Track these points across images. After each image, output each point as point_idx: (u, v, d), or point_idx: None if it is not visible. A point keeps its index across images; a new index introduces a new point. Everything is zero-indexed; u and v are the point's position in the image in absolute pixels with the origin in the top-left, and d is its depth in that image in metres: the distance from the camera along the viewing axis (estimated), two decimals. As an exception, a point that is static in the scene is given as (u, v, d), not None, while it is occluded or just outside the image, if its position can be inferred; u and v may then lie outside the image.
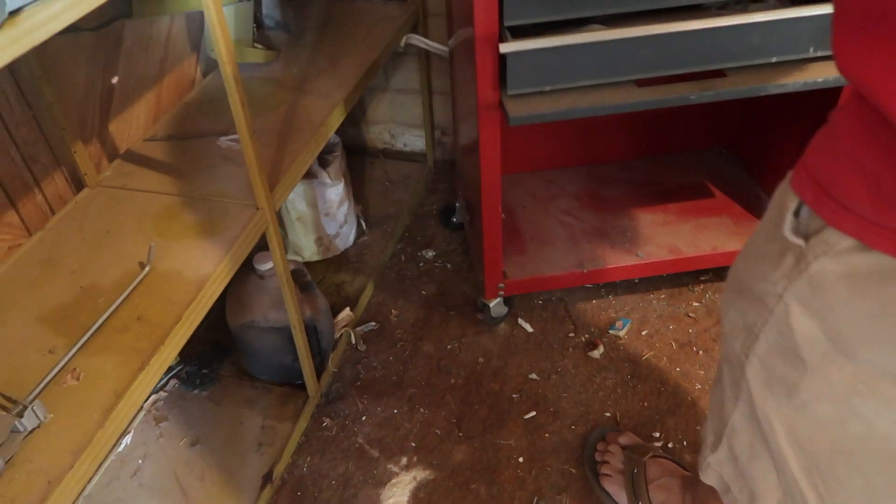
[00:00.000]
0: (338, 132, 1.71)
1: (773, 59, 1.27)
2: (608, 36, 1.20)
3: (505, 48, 1.20)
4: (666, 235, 1.75)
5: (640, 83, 1.28)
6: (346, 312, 1.77)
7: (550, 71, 1.24)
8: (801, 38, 1.25)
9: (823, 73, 1.26)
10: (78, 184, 1.34)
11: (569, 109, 1.24)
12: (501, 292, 1.67)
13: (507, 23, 1.21)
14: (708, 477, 0.93)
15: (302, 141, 1.42)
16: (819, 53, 1.27)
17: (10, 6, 0.68)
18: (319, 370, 1.61)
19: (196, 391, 1.63)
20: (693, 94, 1.25)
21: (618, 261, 1.69)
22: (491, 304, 1.70)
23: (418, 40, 1.93)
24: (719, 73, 1.28)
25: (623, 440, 1.41)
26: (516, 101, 1.27)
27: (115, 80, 1.40)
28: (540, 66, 1.23)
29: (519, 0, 1.17)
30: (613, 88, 1.27)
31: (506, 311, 1.74)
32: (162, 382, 1.64)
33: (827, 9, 1.22)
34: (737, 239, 1.70)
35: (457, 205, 1.99)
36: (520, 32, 1.22)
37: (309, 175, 1.77)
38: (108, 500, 1.42)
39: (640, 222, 1.80)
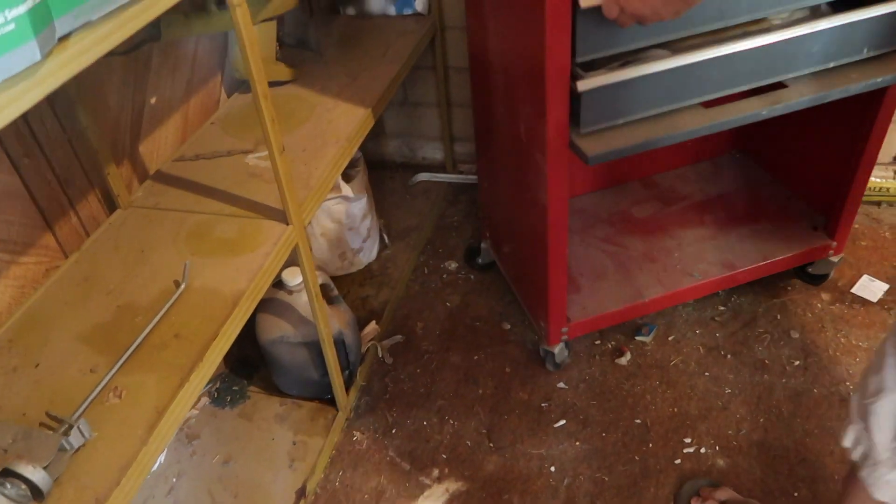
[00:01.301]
0: (359, 147, 1.73)
1: (831, 65, 1.26)
2: (682, 61, 1.16)
3: (584, 85, 1.12)
4: (714, 251, 1.70)
5: (706, 105, 1.24)
6: (372, 326, 1.78)
7: (623, 103, 1.19)
8: (856, 41, 1.24)
9: (881, 73, 1.25)
10: (111, 205, 1.36)
11: (646, 141, 1.19)
12: (565, 336, 1.59)
13: (579, 59, 1.13)
14: (884, 494, 0.91)
15: (328, 156, 1.44)
16: (872, 54, 1.26)
17: (60, 32, 0.70)
18: (348, 384, 1.62)
19: (227, 408, 1.64)
20: (764, 109, 1.22)
21: (675, 284, 1.62)
22: (555, 350, 1.60)
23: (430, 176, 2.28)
24: (780, 85, 1.26)
25: (720, 495, 1.33)
26: (590, 139, 1.19)
27: (153, 100, 1.43)
28: (613, 100, 1.17)
29: (592, 35, 1.10)
30: (681, 113, 1.23)
31: (568, 354, 1.65)
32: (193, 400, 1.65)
33: (882, 9, 1.21)
34: (784, 245, 1.66)
35: (482, 245, 1.89)
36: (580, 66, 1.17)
37: (333, 190, 1.79)
38: (144, 518, 1.44)
39: (683, 240, 1.74)
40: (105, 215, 1.35)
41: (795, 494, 1.36)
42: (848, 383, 1.54)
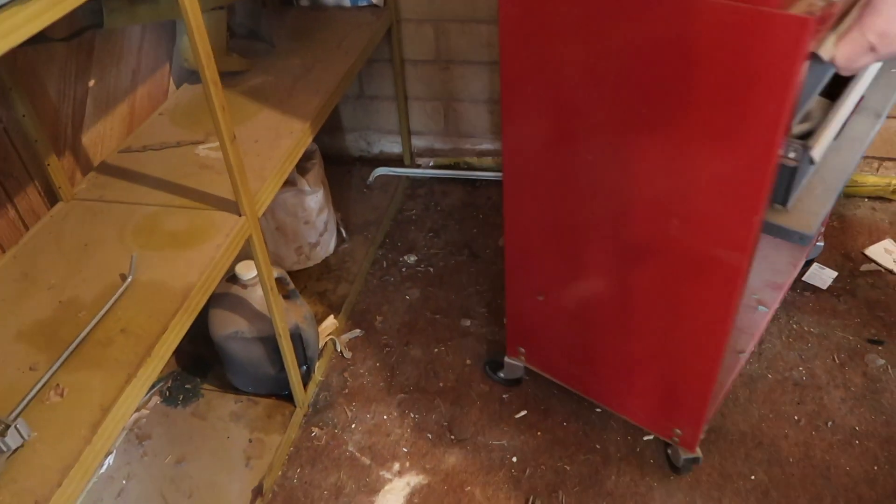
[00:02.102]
0: (314, 140, 1.69)
1: None
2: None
3: (818, 151, 0.95)
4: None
5: None
6: (331, 320, 1.75)
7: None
8: None
9: None
10: (52, 198, 1.31)
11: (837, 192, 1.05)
12: (703, 435, 1.38)
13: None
14: None
15: (282, 147, 1.40)
16: None
17: (-14, 7, 0.66)
18: (306, 380, 1.59)
19: (179, 407, 1.59)
20: None
21: None
22: (698, 454, 1.37)
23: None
24: None
25: None
26: (793, 214, 1.02)
27: (92, 82, 1.37)
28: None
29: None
30: None
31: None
32: (144, 399, 1.60)
33: None
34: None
35: (507, 360, 1.55)
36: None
37: (287, 184, 1.75)
38: (92, 523, 1.38)
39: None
40: (46, 208, 1.30)
41: (752, 478, 1.38)
42: (801, 368, 1.57)
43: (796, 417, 1.48)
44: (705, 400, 1.24)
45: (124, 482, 1.44)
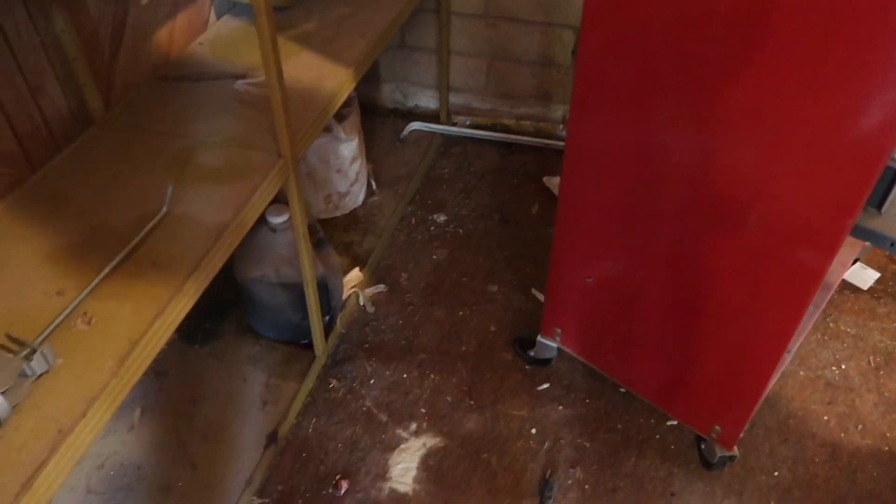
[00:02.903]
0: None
1: None
2: None
3: None
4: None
5: None
6: (356, 273, 1.71)
7: None
8: None
9: None
10: (86, 120, 1.26)
11: None
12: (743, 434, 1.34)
13: None
14: None
15: (325, 89, 1.35)
16: None
17: None
18: (327, 330, 1.56)
19: (197, 346, 1.57)
20: None
21: None
22: (736, 452, 1.33)
23: None
24: None
25: None
26: (891, 220, 0.98)
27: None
28: None
29: None
30: None
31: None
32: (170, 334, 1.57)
33: None
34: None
35: (540, 339, 1.49)
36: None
37: (324, 129, 1.70)
38: (104, 453, 1.37)
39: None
40: (79, 131, 1.25)
41: (775, 474, 1.35)
42: (834, 368, 1.53)
43: (826, 418, 1.44)
44: (755, 400, 1.20)
45: (138, 414, 1.43)
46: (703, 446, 1.37)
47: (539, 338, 1.49)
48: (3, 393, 0.79)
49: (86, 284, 0.95)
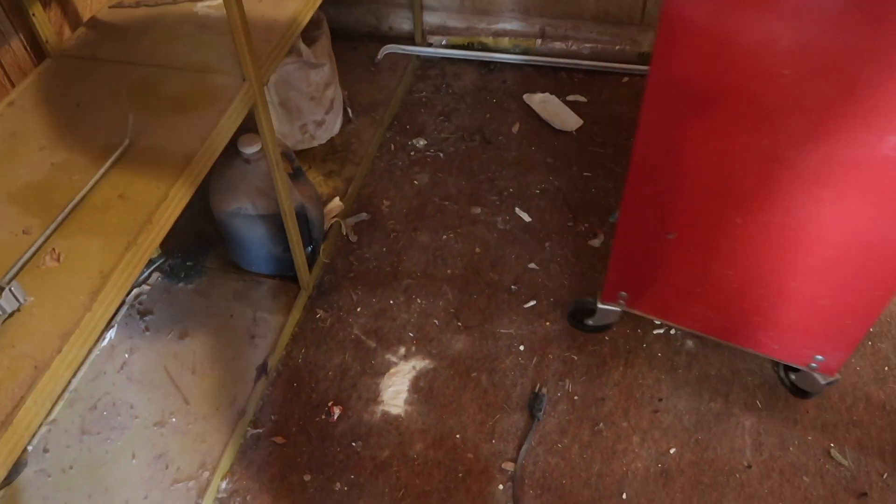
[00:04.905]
0: (320, 9, 1.56)
1: None
2: None
3: None
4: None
5: None
6: (336, 202, 1.69)
7: None
8: None
9: None
10: (39, 53, 1.20)
11: None
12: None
13: None
14: None
15: (288, 9, 1.29)
16: None
17: None
18: (311, 261, 1.54)
19: (181, 284, 1.55)
20: None
21: None
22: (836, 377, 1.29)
23: None
24: None
25: None
26: None
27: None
28: None
29: None
30: None
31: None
32: (144, 275, 1.56)
33: None
34: None
35: (600, 306, 1.39)
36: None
37: (293, 54, 1.64)
38: (95, 394, 1.37)
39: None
40: (32, 65, 1.20)
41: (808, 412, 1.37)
42: None
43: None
44: (865, 327, 1.15)
45: (126, 356, 1.43)
46: (793, 377, 1.33)
47: (600, 305, 1.39)
48: (-27, 332, 0.78)
49: (51, 221, 0.92)
